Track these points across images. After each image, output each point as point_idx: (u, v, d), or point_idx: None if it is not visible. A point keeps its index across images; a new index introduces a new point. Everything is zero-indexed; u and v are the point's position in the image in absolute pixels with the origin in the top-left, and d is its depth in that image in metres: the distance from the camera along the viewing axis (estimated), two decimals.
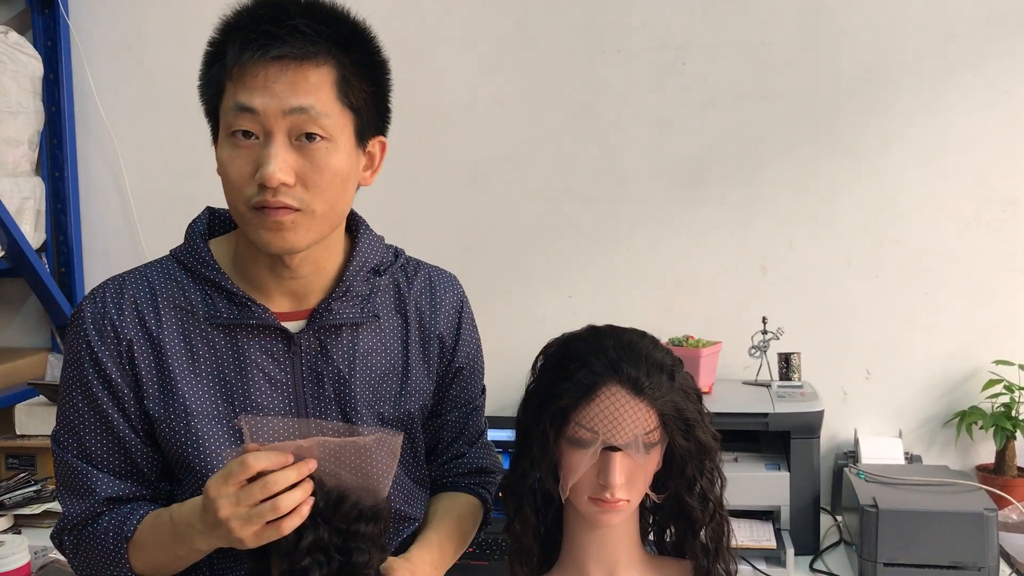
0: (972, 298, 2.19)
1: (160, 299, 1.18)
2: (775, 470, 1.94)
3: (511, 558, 1.24)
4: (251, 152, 1.10)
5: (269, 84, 1.08)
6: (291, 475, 0.99)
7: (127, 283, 1.20)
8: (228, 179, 1.12)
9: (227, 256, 1.22)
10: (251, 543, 1.00)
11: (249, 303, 1.18)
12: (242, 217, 1.14)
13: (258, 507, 0.98)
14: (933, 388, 2.22)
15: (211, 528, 1.02)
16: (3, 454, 2.11)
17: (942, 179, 2.18)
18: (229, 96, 1.11)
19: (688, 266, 2.29)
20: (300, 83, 1.09)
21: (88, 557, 1.18)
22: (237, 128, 1.10)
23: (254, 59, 1.08)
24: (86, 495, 1.17)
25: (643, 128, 2.29)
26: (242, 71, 1.09)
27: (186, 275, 1.20)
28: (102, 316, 1.17)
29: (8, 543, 1.71)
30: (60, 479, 1.20)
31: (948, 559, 1.72)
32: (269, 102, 1.08)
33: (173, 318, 1.18)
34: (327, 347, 1.21)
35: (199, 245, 1.21)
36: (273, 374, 1.18)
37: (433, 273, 1.33)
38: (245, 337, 1.18)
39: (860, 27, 2.18)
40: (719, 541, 1.21)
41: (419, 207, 2.35)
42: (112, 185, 2.49)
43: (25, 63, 2.32)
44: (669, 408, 1.14)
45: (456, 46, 2.34)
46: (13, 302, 2.52)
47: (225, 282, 1.18)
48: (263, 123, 1.09)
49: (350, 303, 1.22)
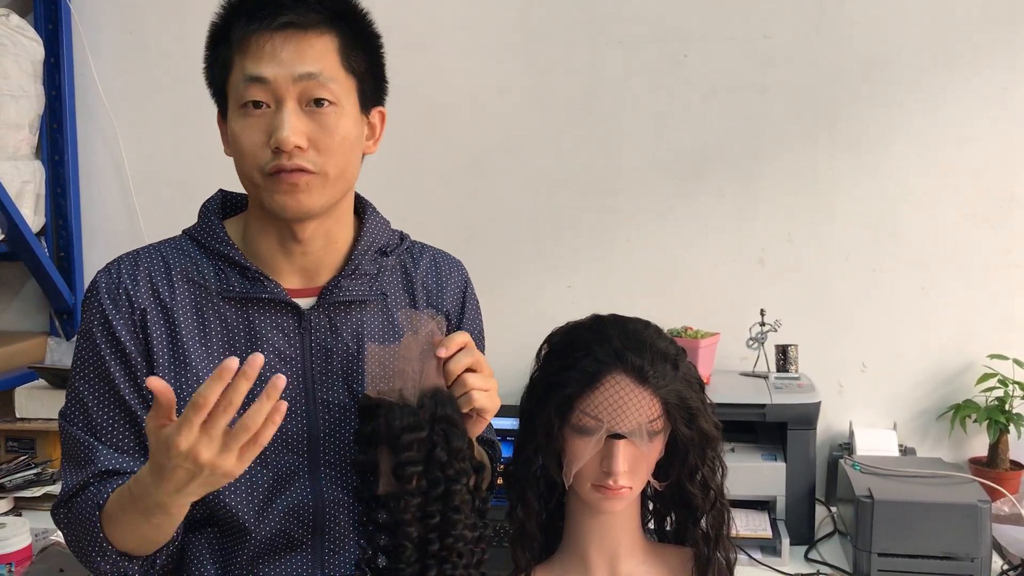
0: (968, 293, 2.20)
1: (174, 272, 1.21)
2: (771, 460, 1.96)
3: (513, 544, 1.26)
4: (263, 120, 1.14)
5: (277, 53, 1.13)
6: (242, 388, 0.94)
7: (141, 257, 1.23)
8: (242, 149, 1.15)
9: (239, 235, 1.25)
10: (238, 469, 0.98)
11: (261, 277, 1.20)
12: (257, 185, 1.17)
13: (235, 433, 0.95)
14: (928, 381, 2.23)
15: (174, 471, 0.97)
16: (3, 437, 2.11)
17: (941, 174, 2.20)
18: (238, 69, 1.15)
19: (687, 258, 2.30)
20: (306, 50, 1.14)
21: (75, 528, 1.16)
22: (248, 99, 1.14)
23: (260, 29, 1.13)
24: (84, 466, 1.17)
25: (644, 119, 2.29)
26: (250, 43, 1.14)
27: (199, 251, 1.23)
28: (117, 286, 1.19)
29: (9, 525, 1.72)
30: (65, 452, 1.20)
31: (942, 550, 1.73)
32: (278, 70, 1.13)
33: (186, 291, 1.20)
34: (336, 324, 1.23)
35: (213, 222, 1.24)
36: (283, 348, 1.20)
37: (438, 255, 1.37)
38: (256, 311, 1.20)
39: (861, 21, 2.19)
40: (720, 529, 1.23)
41: (419, 197, 2.35)
42: (112, 169, 2.49)
43: (26, 46, 2.31)
44: (673, 397, 1.16)
45: (457, 36, 2.34)
46: (12, 286, 2.52)
47: (238, 256, 1.21)
48: (274, 91, 1.13)
49: (359, 281, 1.25)
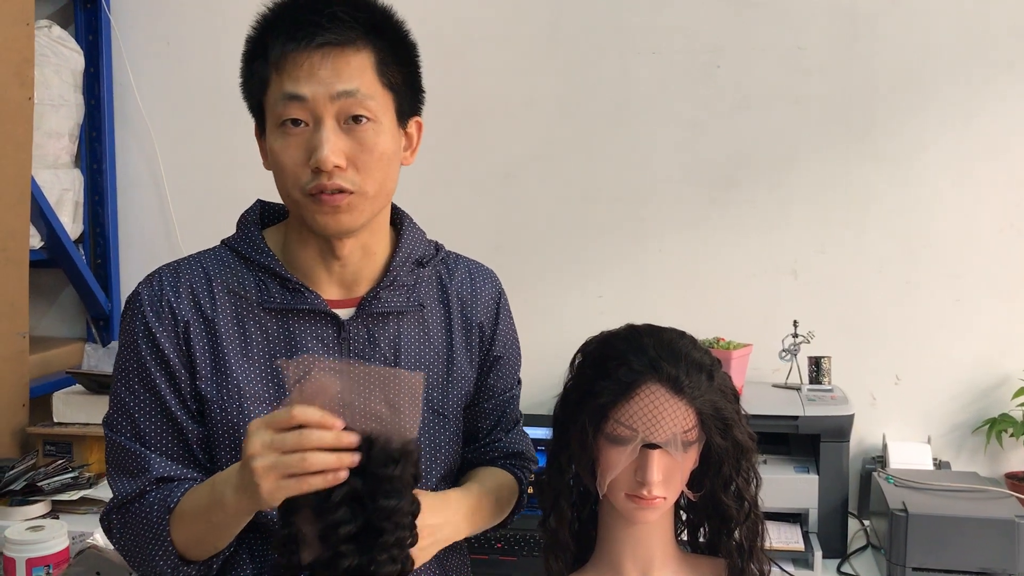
0: (1003, 305, 2.18)
1: (215, 283, 1.22)
2: (804, 473, 1.95)
3: (546, 553, 1.26)
4: (302, 139, 1.15)
5: (315, 71, 1.13)
6: (328, 437, 0.95)
7: (182, 268, 1.24)
8: (282, 167, 1.16)
9: (278, 245, 1.25)
10: (267, 492, 0.97)
11: (302, 288, 1.21)
12: (297, 204, 1.17)
13: (287, 456, 0.96)
14: (963, 394, 2.21)
15: (240, 472, 1.01)
16: (41, 441, 2.14)
17: (975, 185, 2.18)
18: (275, 87, 1.15)
19: (719, 268, 2.29)
20: (344, 68, 1.14)
21: (133, 533, 1.17)
22: (287, 117, 1.14)
23: (299, 48, 1.13)
24: (139, 474, 1.18)
25: (675, 130, 2.29)
26: (287, 61, 1.14)
27: (240, 262, 1.24)
28: (159, 298, 1.20)
29: (48, 528, 1.74)
30: (112, 461, 1.21)
31: (977, 565, 1.71)
32: (317, 88, 1.13)
33: (227, 302, 1.21)
34: (374, 335, 1.24)
35: (253, 233, 1.25)
36: (321, 353, 1.21)
37: (472, 266, 1.38)
38: (296, 322, 1.21)
39: (895, 32, 2.19)
40: (754, 541, 1.22)
41: (451, 206, 2.37)
42: (149, 178, 2.52)
43: (67, 57, 2.36)
44: (707, 407, 1.16)
45: (490, 46, 2.36)
46: (51, 292, 2.56)
47: (279, 268, 1.22)
48: (312, 109, 1.14)
49: (397, 292, 1.26)
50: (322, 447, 0.96)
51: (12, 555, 1.70)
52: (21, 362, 2.16)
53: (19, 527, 1.75)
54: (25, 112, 2.10)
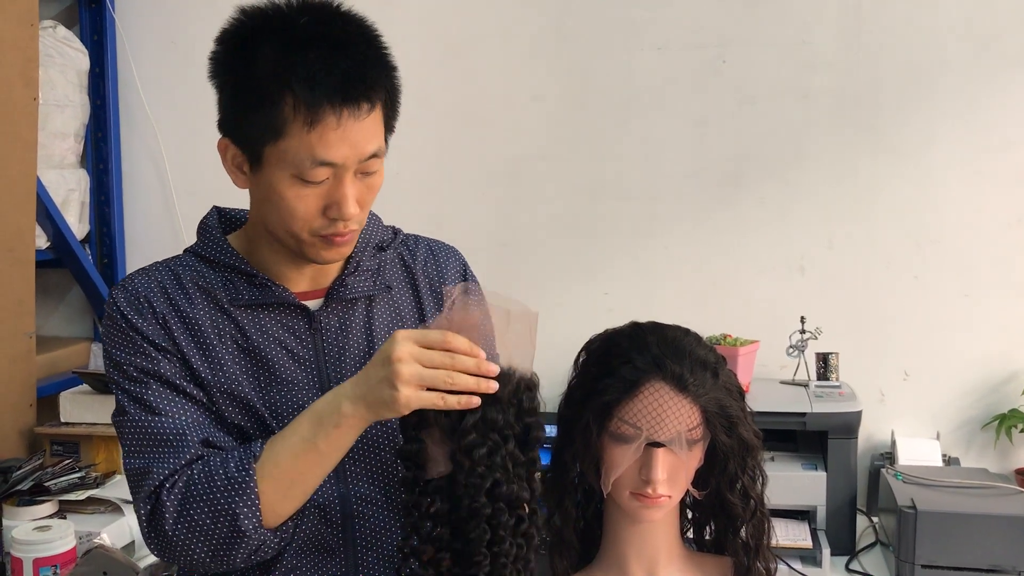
0: (1012, 300, 2.17)
1: (185, 282, 1.22)
2: (812, 470, 1.94)
3: (551, 552, 1.25)
4: (321, 191, 1.13)
5: (347, 135, 1.10)
6: (471, 363, 1.03)
7: (151, 271, 1.24)
8: (291, 213, 1.13)
9: (242, 248, 1.25)
10: (405, 398, 1.02)
11: (269, 283, 1.21)
12: (301, 242, 1.16)
13: (432, 370, 1.03)
14: (972, 390, 2.20)
15: (370, 377, 1.05)
16: (48, 441, 2.14)
17: (983, 179, 2.16)
18: (302, 146, 1.09)
19: (726, 265, 2.28)
20: (370, 127, 1.12)
21: (201, 502, 1.09)
22: (313, 180, 1.11)
23: (332, 108, 1.08)
24: (176, 442, 1.13)
25: (682, 126, 2.28)
26: (320, 122, 1.08)
27: (205, 265, 1.23)
28: (135, 297, 1.20)
29: (55, 528, 1.75)
30: (135, 447, 1.15)
31: (987, 562, 1.71)
32: (349, 153, 1.11)
33: (200, 298, 1.21)
34: (345, 322, 1.25)
35: (216, 237, 1.25)
36: (296, 350, 1.22)
37: (433, 244, 1.38)
38: (267, 317, 1.22)
39: (901, 26, 2.17)
40: (760, 539, 1.22)
41: (456, 202, 2.36)
42: (155, 178, 2.53)
43: (72, 57, 2.36)
44: (712, 405, 1.15)
45: (494, 43, 2.35)
46: (57, 292, 2.56)
47: (245, 266, 1.22)
48: (338, 170, 1.12)
49: (362, 277, 1.27)
50: (465, 371, 1.03)
51: (19, 555, 1.70)
52: (28, 362, 2.16)
53: (26, 527, 1.75)
54: (30, 112, 2.10)
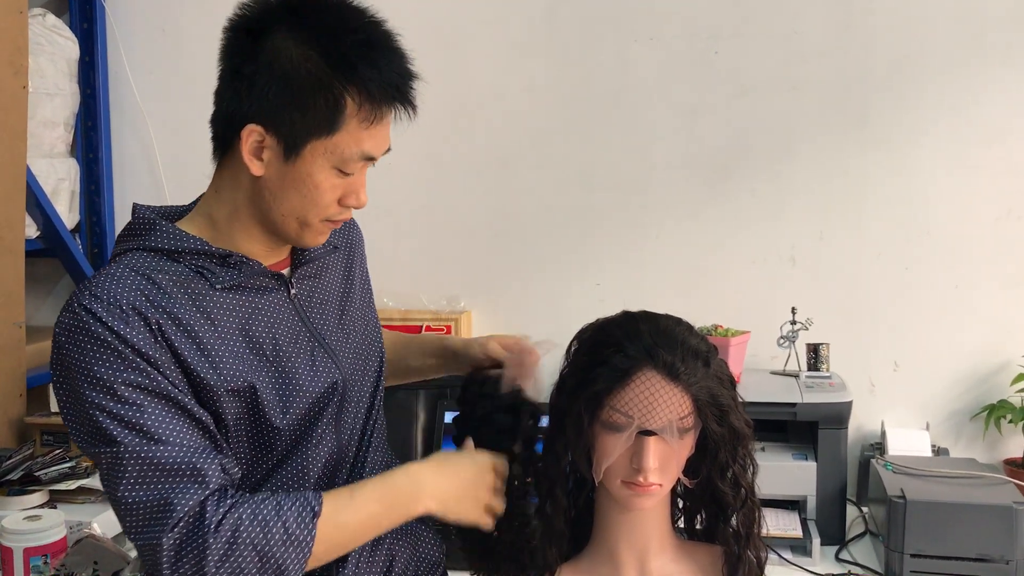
0: (1002, 291, 2.18)
1: (159, 278, 1.14)
2: (802, 460, 1.95)
3: (543, 541, 1.25)
4: (347, 180, 1.18)
5: (388, 131, 1.18)
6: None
7: (119, 277, 1.13)
8: (317, 203, 1.16)
9: (200, 235, 1.19)
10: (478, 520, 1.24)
11: (245, 260, 1.19)
12: (307, 227, 1.19)
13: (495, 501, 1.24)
14: (961, 381, 2.21)
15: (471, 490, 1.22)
16: (38, 431, 2.14)
17: (973, 171, 2.17)
18: (352, 140, 1.14)
19: (717, 256, 2.29)
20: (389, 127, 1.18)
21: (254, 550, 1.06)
22: (351, 172, 1.16)
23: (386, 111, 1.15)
24: (191, 470, 1.07)
25: (673, 117, 2.28)
26: (377, 122, 1.15)
27: (168, 260, 1.16)
28: (116, 307, 1.08)
29: (45, 517, 1.74)
30: (139, 479, 1.06)
31: (975, 551, 1.72)
32: (384, 148, 1.19)
33: (179, 292, 1.14)
34: (315, 280, 1.30)
35: (168, 228, 1.17)
36: (286, 319, 1.22)
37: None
38: (250, 292, 1.20)
39: (892, 18, 2.17)
40: (750, 527, 1.22)
41: (448, 193, 2.35)
42: (145, 167, 2.51)
43: (62, 45, 2.34)
44: (704, 394, 1.15)
45: (486, 32, 2.34)
46: (47, 282, 2.55)
47: (212, 248, 1.17)
48: (368, 163, 1.18)
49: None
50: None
51: (9, 545, 1.69)
52: (18, 352, 2.15)
53: (16, 517, 1.74)
54: (20, 101, 2.09)
